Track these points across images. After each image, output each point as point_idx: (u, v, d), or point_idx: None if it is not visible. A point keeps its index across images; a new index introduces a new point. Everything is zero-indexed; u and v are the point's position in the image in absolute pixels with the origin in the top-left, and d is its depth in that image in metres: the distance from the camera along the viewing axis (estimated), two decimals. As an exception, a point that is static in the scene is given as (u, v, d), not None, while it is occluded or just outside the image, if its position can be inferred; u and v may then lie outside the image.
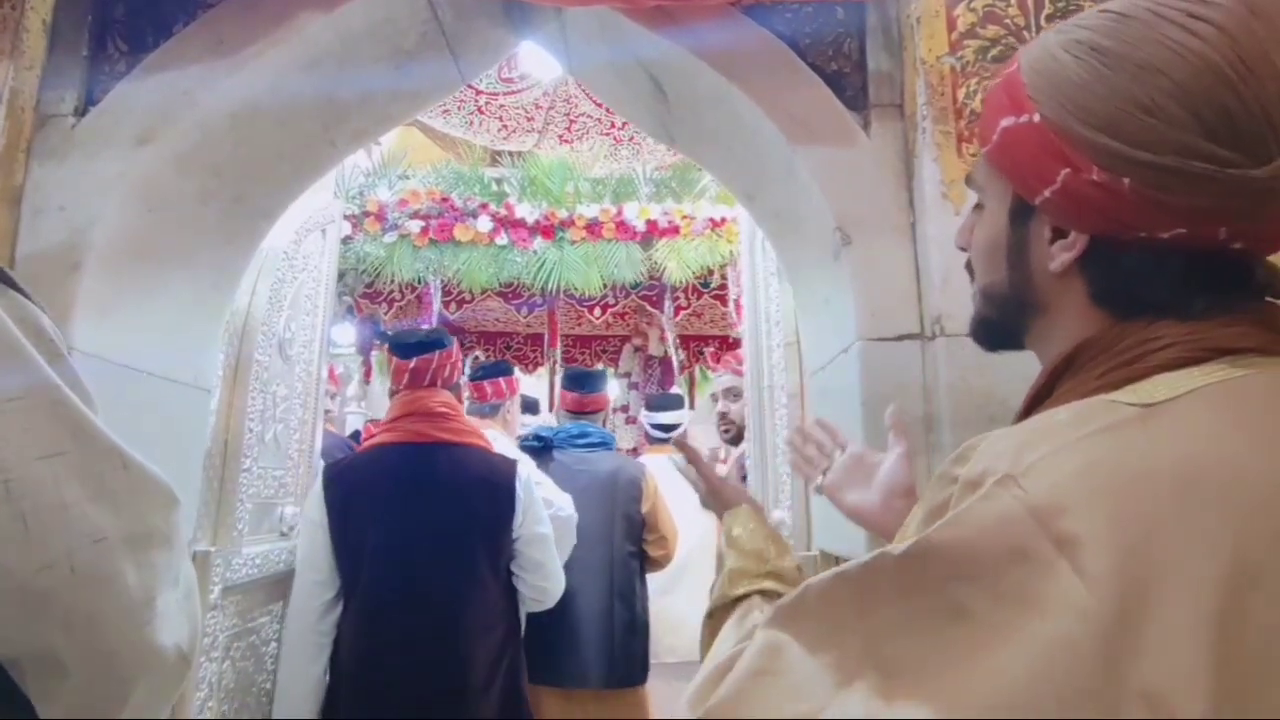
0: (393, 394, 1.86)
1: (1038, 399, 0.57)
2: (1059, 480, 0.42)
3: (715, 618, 0.77)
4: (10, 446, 0.60)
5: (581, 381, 2.67)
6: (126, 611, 0.64)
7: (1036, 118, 0.53)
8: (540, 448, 2.42)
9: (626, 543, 2.28)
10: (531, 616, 1.99)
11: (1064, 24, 0.57)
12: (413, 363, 1.79)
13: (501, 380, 2.49)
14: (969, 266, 0.67)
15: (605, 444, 2.51)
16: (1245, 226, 0.50)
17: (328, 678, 1.73)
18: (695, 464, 0.97)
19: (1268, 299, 0.52)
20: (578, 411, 2.58)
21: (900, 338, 1.40)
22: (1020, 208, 0.58)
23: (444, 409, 1.82)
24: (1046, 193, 0.54)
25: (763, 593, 0.76)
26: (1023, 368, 1.32)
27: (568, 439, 2.43)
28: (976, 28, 1.39)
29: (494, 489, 1.79)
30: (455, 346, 1.87)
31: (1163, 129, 0.47)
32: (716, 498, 0.93)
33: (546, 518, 1.87)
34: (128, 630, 0.64)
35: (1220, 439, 0.43)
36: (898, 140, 1.49)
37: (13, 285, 0.68)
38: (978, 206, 0.65)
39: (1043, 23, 1.37)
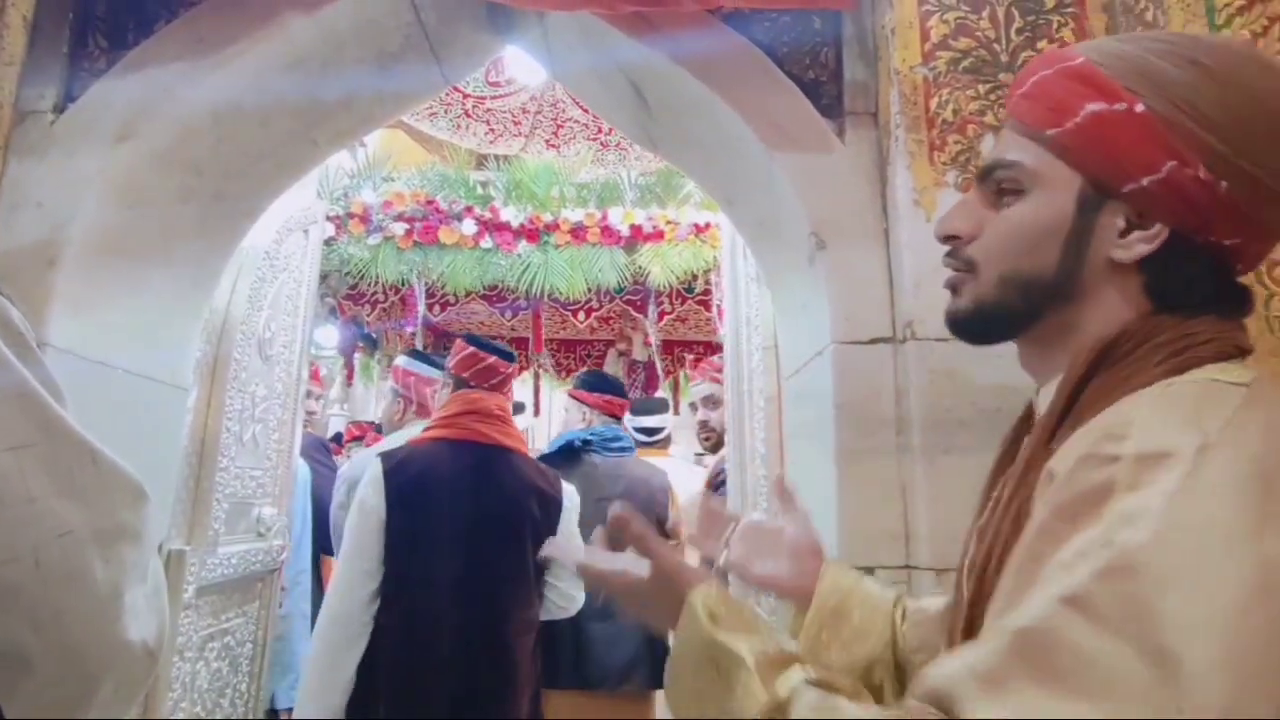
0: (458, 386, 1.86)
1: (1081, 384, 0.57)
2: (1255, 445, 0.45)
3: None
4: None
5: (612, 385, 2.69)
6: (93, 607, 0.63)
7: (1140, 108, 0.54)
8: (573, 451, 2.43)
9: None
10: (569, 622, 2.01)
11: (1132, 35, 0.60)
12: (493, 359, 1.82)
13: None
14: (955, 254, 0.65)
15: (631, 448, 2.54)
16: (1261, 248, 0.58)
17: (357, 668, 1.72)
18: (641, 543, 0.69)
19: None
20: (611, 414, 2.59)
21: (873, 341, 1.43)
22: (1093, 195, 0.57)
23: (502, 413, 1.85)
24: (1145, 181, 0.55)
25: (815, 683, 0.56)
26: (993, 372, 1.35)
27: (603, 443, 2.44)
28: (949, 39, 1.42)
29: (545, 496, 1.83)
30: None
31: (1259, 146, 0.53)
32: (672, 582, 0.66)
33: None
34: (94, 626, 0.64)
35: None
36: (872, 148, 1.52)
37: None
38: (998, 193, 0.62)
39: (1012, 35, 1.40)
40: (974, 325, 0.65)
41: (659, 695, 2.30)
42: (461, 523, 1.72)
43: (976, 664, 0.44)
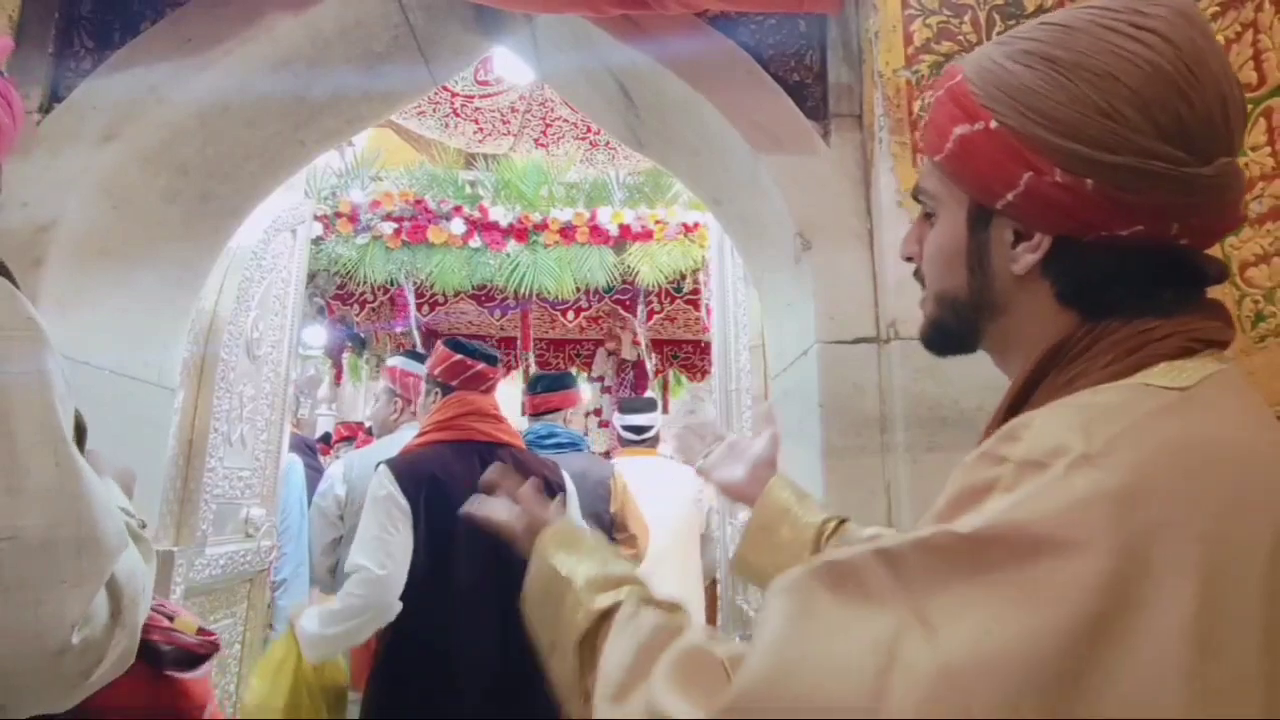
0: (444, 391, 1.87)
1: (1021, 397, 0.57)
2: (1137, 462, 0.43)
3: (588, 641, 0.63)
4: None
5: (534, 384, 2.71)
6: (26, 625, 0.59)
7: (993, 124, 0.55)
8: None
9: None
10: None
11: (1004, 37, 0.59)
12: (482, 366, 1.83)
13: None
14: (918, 274, 0.68)
15: (574, 445, 2.53)
16: (1193, 222, 0.54)
17: (385, 667, 1.73)
18: (507, 490, 0.84)
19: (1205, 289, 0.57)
20: (534, 413, 2.61)
21: (857, 341, 1.44)
22: (979, 213, 0.59)
23: (497, 411, 1.87)
24: (1009, 196, 0.55)
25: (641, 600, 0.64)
26: (975, 371, 1.37)
27: (535, 441, 2.45)
28: (931, 43, 1.44)
29: (551, 486, 1.85)
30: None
31: (1122, 131, 0.51)
32: (533, 526, 0.80)
33: None
34: (25, 646, 0.59)
35: (1247, 424, 0.48)
36: (856, 150, 1.53)
37: (4, 273, 0.66)
38: (926, 216, 0.66)
39: (994, 38, 1.42)
40: (932, 340, 0.67)
41: None
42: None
43: (797, 570, 0.47)
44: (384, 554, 1.64)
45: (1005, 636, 0.40)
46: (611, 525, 2.36)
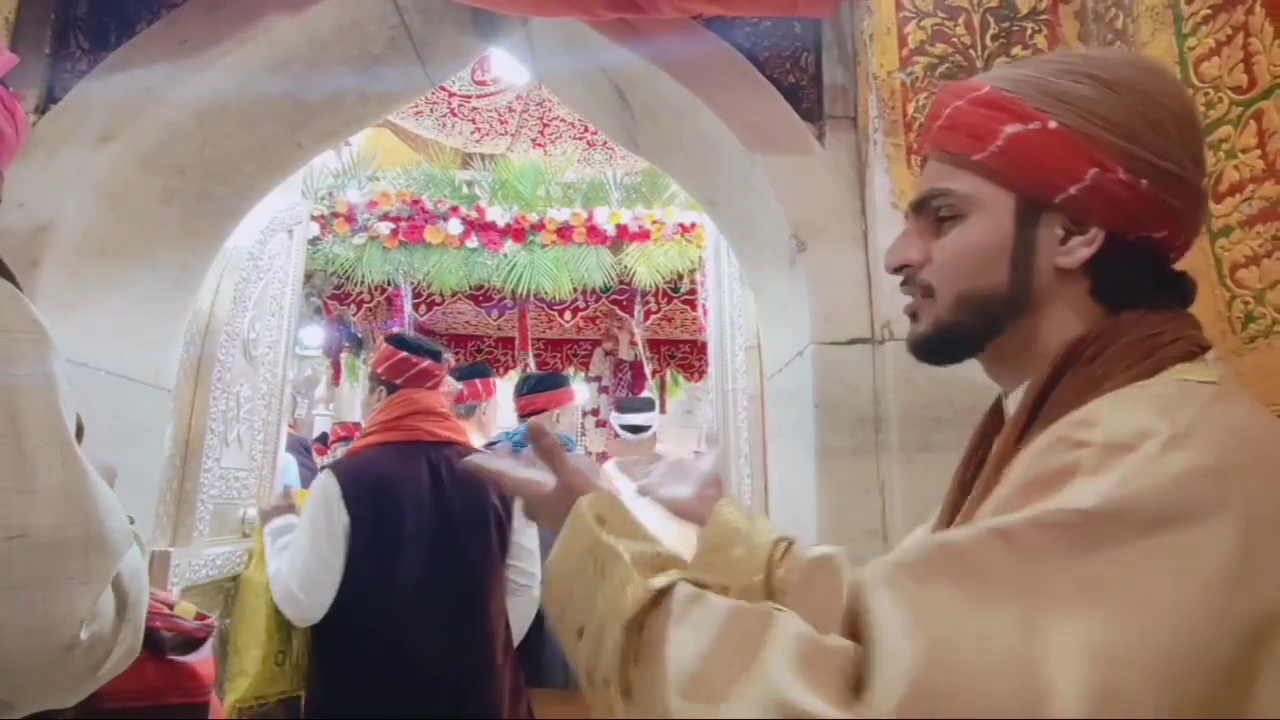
0: (389, 390, 1.86)
1: (1044, 393, 0.59)
2: (1216, 443, 0.46)
3: (634, 625, 0.53)
4: None
5: (521, 384, 2.72)
6: (35, 622, 0.60)
7: (1052, 124, 0.58)
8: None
9: None
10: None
11: (1027, 60, 0.65)
12: (427, 363, 1.83)
13: (479, 382, 2.52)
14: (914, 283, 0.67)
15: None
16: (1188, 236, 0.62)
17: (324, 665, 1.74)
18: (548, 454, 0.69)
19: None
20: (522, 414, 2.64)
21: (851, 341, 1.45)
22: (1028, 210, 0.60)
23: (444, 409, 1.86)
24: (1072, 190, 0.58)
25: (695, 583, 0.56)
26: (967, 372, 1.38)
27: (520, 441, 2.47)
28: (926, 45, 1.44)
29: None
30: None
31: (1167, 144, 0.58)
32: (570, 491, 0.67)
33: None
34: (33, 642, 0.60)
35: (1270, 415, 0.53)
36: (851, 152, 1.54)
37: (7, 275, 0.67)
38: (940, 220, 0.65)
39: (988, 42, 1.43)
40: (936, 346, 0.67)
41: None
42: (428, 520, 1.73)
43: (891, 564, 0.47)
44: (309, 580, 1.66)
45: (1153, 608, 0.41)
46: None
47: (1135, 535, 0.43)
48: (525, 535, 1.91)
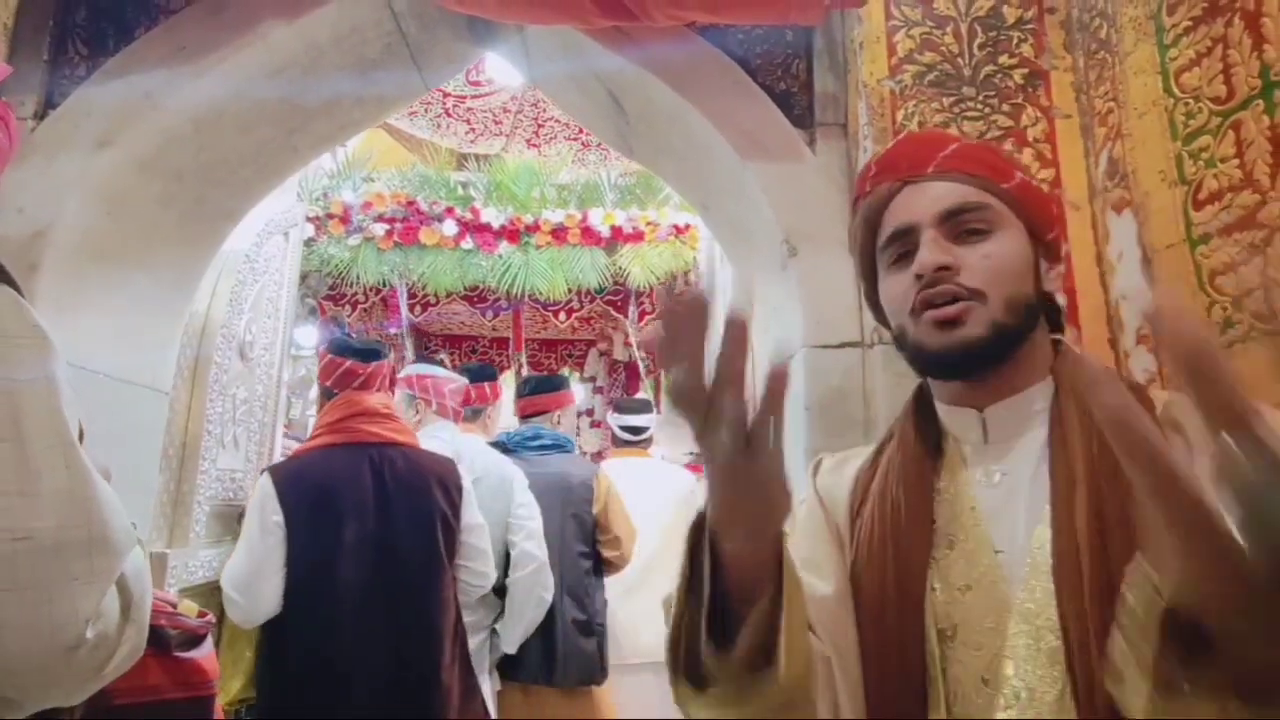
0: (328, 395, 1.88)
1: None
2: None
3: None
4: None
5: (522, 386, 2.73)
6: (39, 624, 0.61)
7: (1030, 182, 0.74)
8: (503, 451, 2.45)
9: (577, 543, 2.33)
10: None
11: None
12: (350, 363, 1.83)
13: (486, 385, 2.53)
14: (954, 284, 0.67)
15: (559, 446, 2.55)
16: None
17: (268, 671, 1.75)
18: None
19: None
20: (523, 415, 2.64)
21: (842, 345, 1.47)
22: (1029, 238, 0.72)
23: (387, 410, 1.86)
24: (1050, 236, 0.73)
25: None
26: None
27: (521, 442, 2.48)
28: (914, 53, 1.47)
29: (446, 484, 1.85)
30: (389, 361, 1.93)
31: None
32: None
33: (479, 509, 1.97)
34: (37, 643, 0.61)
35: None
36: (842, 158, 1.56)
37: (9, 281, 0.68)
38: (972, 232, 0.69)
39: (975, 51, 1.45)
40: (989, 349, 0.67)
41: (610, 692, 2.33)
42: (370, 521, 1.74)
43: None
44: (245, 582, 1.68)
45: None
46: (595, 527, 2.38)
47: None
48: (475, 534, 1.89)
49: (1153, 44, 1.21)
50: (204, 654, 1.11)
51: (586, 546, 2.35)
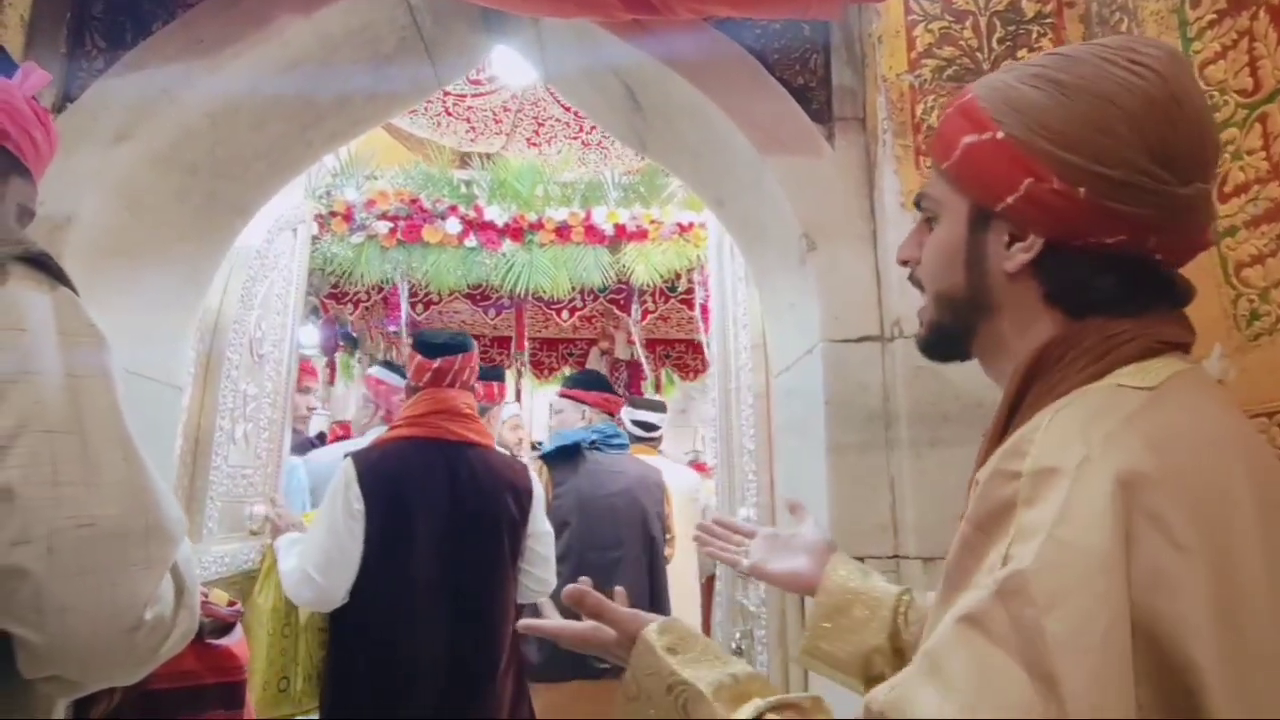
0: (411, 390, 1.88)
1: (1013, 407, 0.61)
2: (1132, 457, 0.48)
3: None
4: (13, 416, 0.61)
5: (607, 383, 2.74)
6: (103, 608, 0.63)
7: (1000, 134, 0.60)
8: (575, 449, 2.47)
9: (657, 541, 2.43)
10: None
11: (1015, 64, 0.65)
12: (438, 363, 1.83)
13: (495, 385, 2.54)
14: (914, 279, 0.72)
15: (627, 445, 2.61)
16: (1169, 238, 0.59)
17: (338, 664, 1.75)
18: (595, 612, 0.75)
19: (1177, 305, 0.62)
20: (608, 411, 2.64)
21: (861, 339, 1.48)
22: (979, 216, 0.63)
23: (469, 410, 1.87)
24: (1009, 199, 0.60)
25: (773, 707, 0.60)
26: (973, 368, 1.41)
27: (604, 440, 2.49)
28: (934, 48, 1.47)
29: (517, 488, 1.87)
30: (475, 350, 1.92)
31: (1115, 147, 0.56)
32: (622, 628, 0.73)
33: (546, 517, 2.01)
34: (101, 627, 0.63)
35: (1215, 415, 0.54)
36: (860, 152, 1.57)
37: (66, 283, 0.71)
38: (927, 221, 0.70)
39: (994, 45, 1.46)
40: (931, 344, 0.71)
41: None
42: (441, 519, 1.75)
43: (893, 682, 0.51)
44: (327, 561, 1.67)
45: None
46: (663, 526, 2.46)
47: (1066, 585, 0.45)
48: (540, 541, 1.93)
49: (1176, 38, 1.22)
50: (234, 640, 1.14)
51: (662, 544, 2.46)
